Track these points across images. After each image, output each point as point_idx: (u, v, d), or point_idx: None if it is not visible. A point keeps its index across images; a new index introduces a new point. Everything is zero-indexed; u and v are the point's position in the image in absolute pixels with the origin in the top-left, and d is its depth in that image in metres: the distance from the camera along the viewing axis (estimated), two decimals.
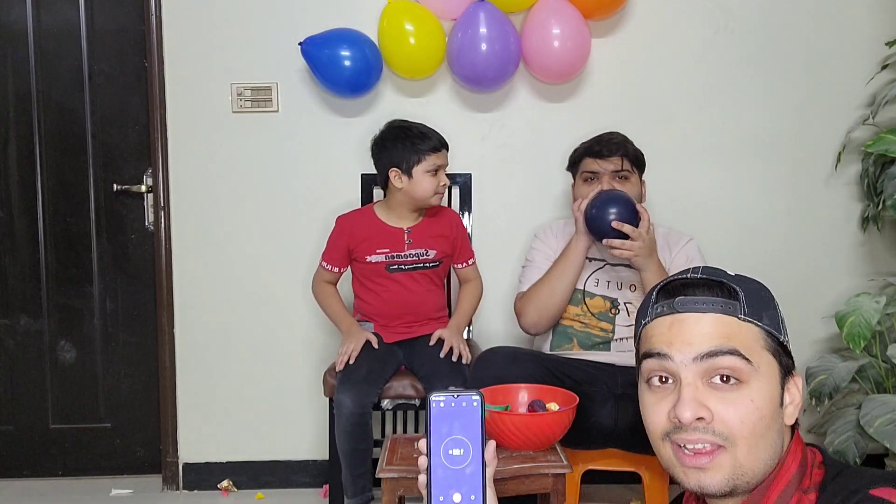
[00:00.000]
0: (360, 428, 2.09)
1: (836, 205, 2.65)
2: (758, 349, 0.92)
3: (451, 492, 0.87)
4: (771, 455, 0.92)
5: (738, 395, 0.91)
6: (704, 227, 2.51)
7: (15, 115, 2.67)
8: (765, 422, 0.90)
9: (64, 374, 2.76)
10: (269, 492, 2.66)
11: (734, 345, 0.91)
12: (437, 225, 2.30)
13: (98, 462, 2.78)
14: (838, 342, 2.57)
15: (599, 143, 2.20)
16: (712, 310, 0.93)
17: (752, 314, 0.94)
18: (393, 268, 2.26)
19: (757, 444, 0.90)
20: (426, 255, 2.28)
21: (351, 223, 2.29)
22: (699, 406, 0.90)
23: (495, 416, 1.67)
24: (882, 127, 2.53)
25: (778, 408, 0.93)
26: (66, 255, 2.73)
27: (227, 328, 2.66)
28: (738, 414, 0.90)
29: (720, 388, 0.91)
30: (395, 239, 2.26)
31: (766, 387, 0.92)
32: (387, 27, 2.45)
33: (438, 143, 2.22)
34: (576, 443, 1.96)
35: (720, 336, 0.92)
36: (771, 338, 0.94)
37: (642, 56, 2.60)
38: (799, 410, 0.95)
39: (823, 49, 2.60)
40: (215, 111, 2.59)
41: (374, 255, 2.25)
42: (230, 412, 2.68)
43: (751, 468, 0.90)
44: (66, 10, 2.63)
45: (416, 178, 2.19)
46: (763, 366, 0.92)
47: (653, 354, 0.95)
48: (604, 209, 2.05)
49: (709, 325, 0.93)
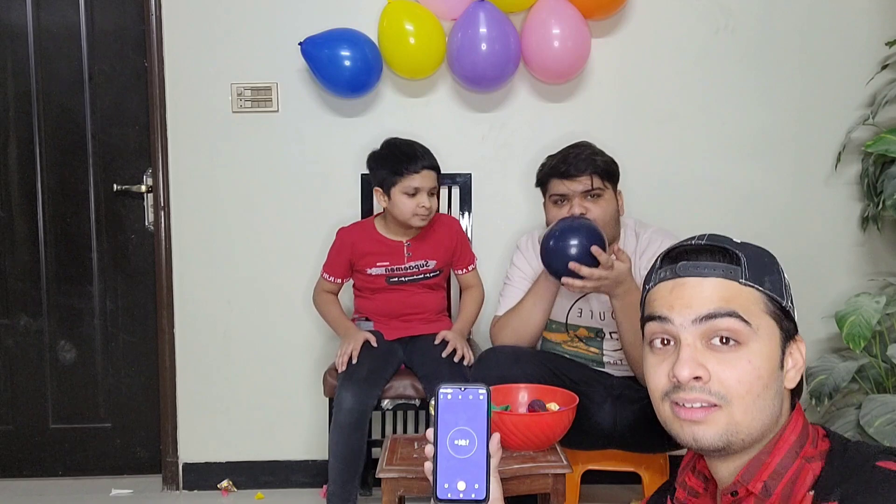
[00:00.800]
0: (357, 427, 2.07)
1: (836, 205, 2.65)
2: (757, 312, 0.95)
3: (455, 480, 0.90)
4: (768, 416, 0.94)
5: (736, 356, 0.93)
6: (703, 227, 2.49)
7: (15, 115, 2.67)
8: (762, 382, 0.93)
9: (64, 374, 2.76)
10: (269, 492, 2.66)
11: (733, 307, 0.94)
12: (436, 235, 2.31)
13: (98, 462, 2.78)
14: (838, 342, 2.57)
15: (566, 162, 2.03)
16: (713, 274, 0.96)
17: (754, 278, 0.96)
18: (393, 280, 2.29)
19: (753, 403, 0.93)
20: (426, 266, 2.30)
21: (352, 236, 2.31)
22: (697, 366, 0.93)
23: (495, 416, 1.67)
24: (882, 127, 2.53)
25: (777, 370, 0.95)
26: (66, 255, 2.73)
27: (227, 328, 2.66)
28: (736, 374, 0.92)
29: (719, 350, 0.94)
30: (395, 252, 2.28)
31: (765, 349, 0.94)
32: (387, 27, 2.45)
33: (420, 164, 2.17)
34: (576, 443, 1.96)
35: (720, 299, 0.94)
36: (772, 302, 0.96)
37: (642, 56, 2.60)
38: (801, 374, 0.98)
39: (823, 49, 2.60)
40: (215, 111, 2.59)
41: (375, 267, 2.28)
42: (230, 412, 2.68)
43: (746, 426, 0.93)
44: (66, 10, 2.63)
45: (394, 199, 2.19)
46: (762, 328, 0.95)
47: (654, 318, 0.99)
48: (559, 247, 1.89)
49: (710, 288, 0.95)
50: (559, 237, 1.90)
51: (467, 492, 0.90)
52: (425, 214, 2.20)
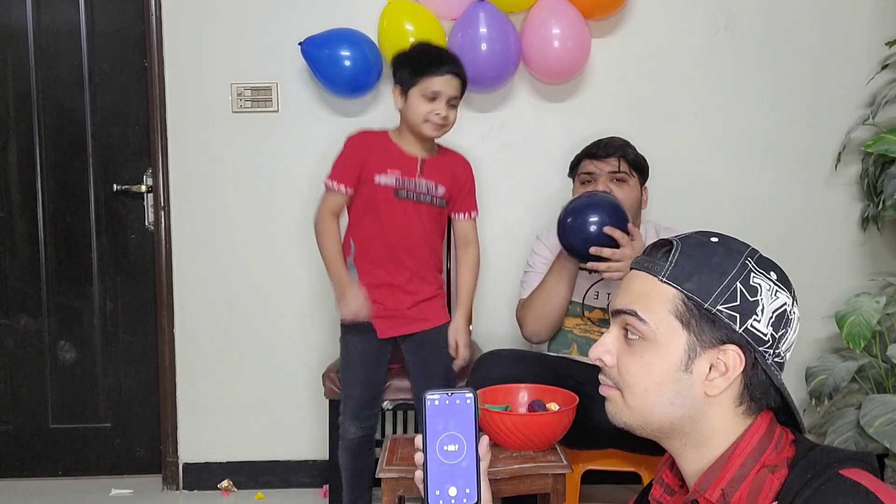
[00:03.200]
0: (365, 448, 2.16)
1: (836, 205, 2.65)
2: (662, 312, 0.97)
3: (447, 486, 0.90)
4: (668, 412, 0.97)
5: (633, 350, 0.99)
6: (703, 227, 2.50)
7: (15, 115, 2.67)
8: (653, 379, 0.97)
9: (64, 374, 2.76)
10: (269, 492, 2.66)
11: (636, 307, 0.98)
12: (449, 164, 2.18)
13: (98, 462, 2.78)
14: (838, 342, 2.57)
15: (598, 146, 2.16)
16: (641, 268, 1.01)
17: (674, 277, 0.97)
18: (402, 194, 2.09)
19: (643, 396, 0.98)
20: (436, 189, 2.13)
21: (366, 138, 2.14)
22: (604, 351, 1.02)
23: (495, 416, 1.67)
24: (882, 127, 2.53)
25: (677, 371, 0.96)
26: (66, 255, 2.73)
27: (227, 328, 2.66)
28: (628, 366, 0.99)
29: (629, 342, 1.00)
30: (408, 164, 2.11)
31: (661, 349, 0.97)
32: (387, 27, 2.45)
33: (445, 68, 2.03)
34: (576, 443, 1.95)
35: (634, 295, 1.00)
36: (688, 303, 0.95)
37: (642, 56, 2.60)
38: (730, 382, 0.96)
39: (823, 49, 2.60)
40: (215, 111, 2.59)
41: (385, 174, 2.08)
42: (230, 412, 2.68)
43: (639, 412, 0.99)
44: (66, 10, 2.63)
45: (411, 100, 2.05)
46: (662, 328, 0.97)
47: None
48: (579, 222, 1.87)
49: (635, 282, 1.01)
50: (576, 213, 1.90)
51: (459, 497, 0.90)
52: (439, 124, 2.05)
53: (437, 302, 2.19)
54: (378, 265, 2.12)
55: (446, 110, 2.04)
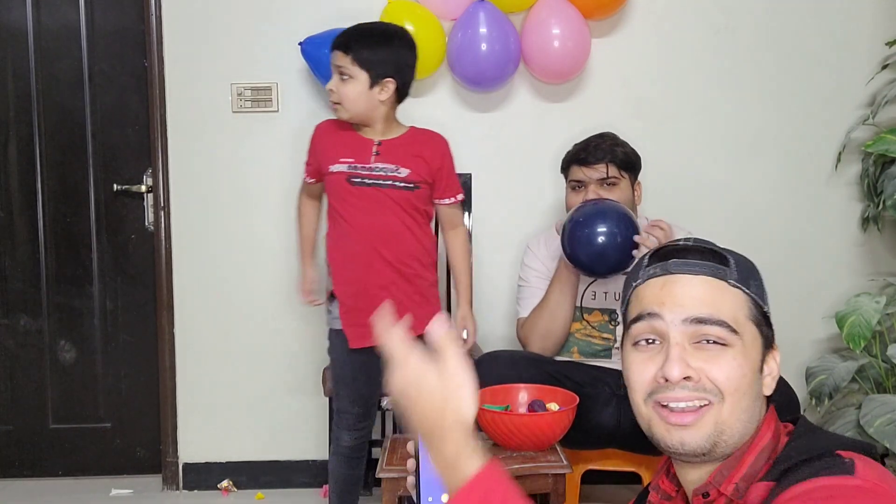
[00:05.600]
0: (358, 455, 2.13)
1: (836, 205, 2.65)
2: (743, 319, 0.95)
3: (439, 493, 0.88)
4: (749, 418, 0.94)
5: (723, 355, 0.93)
6: (703, 227, 2.48)
7: (15, 115, 2.67)
8: (747, 380, 0.94)
9: (64, 374, 2.76)
10: (269, 492, 2.66)
11: (722, 317, 0.93)
12: (416, 144, 2.05)
13: (98, 462, 2.78)
14: (838, 342, 2.56)
15: (585, 150, 2.09)
16: (704, 272, 0.96)
17: (741, 280, 0.97)
18: (355, 180, 2.00)
19: (740, 402, 0.93)
20: (397, 171, 2.00)
21: (323, 129, 2.11)
22: (686, 366, 0.92)
23: (495, 416, 1.67)
24: (882, 127, 2.53)
25: (758, 373, 0.96)
26: (66, 255, 2.73)
27: (226, 328, 2.66)
28: (723, 371, 0.92)
29: (706, 349, 0.93)
30: (362, 149, 2.02)
31: (748, 352, 0.95)
32: None
33: (334, 42, 2.00)
34: (577, 443, 1.95)
35: (710, 303, 0.94)
36: (756, 306, 0.97)
37: (642, 56, 2.60)
38: (776, 382, 0.98)
39: (823, 49, 2.60)
40: (215, 111, 2.59)
41: (337, 164, 2.01)
42: (230, 412, 2.68)
43: (731, 427, 0.93)
44: (66, 10, 2.63)
45: None
46: (747, 335, 0.95)
47: (643, 316, 0.97)
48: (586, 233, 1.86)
49: (700, 287, 0.95)
50: (582, 224, 1.88)
51: None
52: (333, 101, 2.00)
53: (424, 307, 2.03)
54: (348, 260, 2.01)
55: (336, 84, 1.97)
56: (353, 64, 1.96)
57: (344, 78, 1.96)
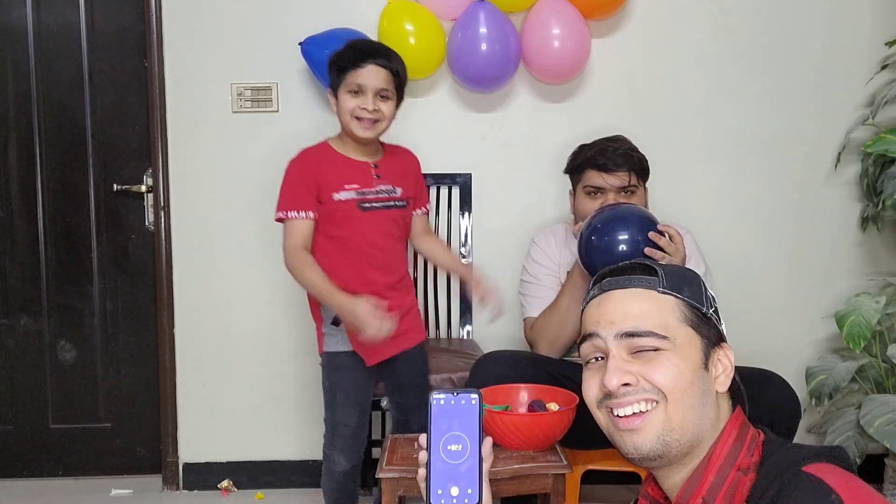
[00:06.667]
0: (352, 480, 2.09)
1: (836, 205, 2.65)
2: (675, 323, 1.01)
3: (449, 485, 0.91)
4: (699, 415, 0.98)
5: (658, 359, 1.00)
6: (703, 227, 2.50)
7: (15, 115, 2.67)
8: (685, 378, 0.98)
9: (64, 374, 2.76)
10: (269, 492, 2.66)
11: (649, 327, 1.00)
12: (399, 164, 2.05)
13: (98, 462, 2.78)
14: (838, 342, 2.57)
15: (604, 155, 2.01)
16: (633, 285, 1.04)
17: (672, 287, 1.03)
18: (366, 206, 1.96)
19: (683, 399, 0.98)
20: (395, 192, 2.01)
21: (310, 158, 1.99)
22: (623, 373, 0.99)
23: (496, 416, 1.67)
24: (882, 127, 2.53)
25: (699, 369, 1.00)
26: (66, 255, 2.73)
27: (227, 328, 2.66)
28: (659, 372, 0.99)
29: (642, 356, 1.01)
30: (363, 173, 1.98)
31: (683, 352, 1.00)
32: (387, 27, 2.45)
33: (367, 59, 1.91)
34: (577, 443, 1.95)
35: (638, 315, 1.01)
36: (691, 309, 1.02)
37: (642, 56, 2.60)
38: (731, 378, 1.03)
39: (823, 49, 2.60)
40: (215, 111, 2.59)
41: (343, 191, 1.94)
42: (230, 412, 2.68)
43: (679, 425, 0.97)
44: (66, 10, 2.63)
45: (339, 100, 1.94)
46: (679, 337, 1.01)
47: (586, 337, 1.06)
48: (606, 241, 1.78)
49: (631, 300, 1.03)
50: (602, 231, 1.82)
51: (460, 497, 0.91)
52: (368, 119, 1.91)
53: (414, 314, 2.08)
54: (350, 284, 1.93)
55: (375, 103, 1.91)
56: (392, 83, 1.96)
57: (385, 96, 1.95)
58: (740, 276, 2.59)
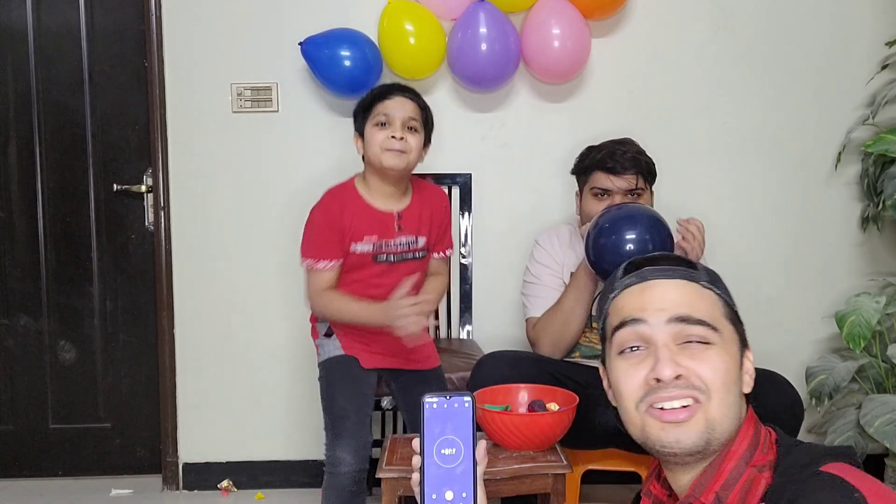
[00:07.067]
0: (358, 485, 1.89)
1: (836, 205, 2.65)
2: (720, 317, 1.00)
3: (443, 490, 0.89)
4: (735, 414, 0.97)
5: (708, 352, 0.96)
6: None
7: (15, 115, 2.67)
8: (731, 376, 0.97)
9: (64, 374, 2.76)
10: (269, 492, 2.66)
11: (702, 316, 0.97)
12: (427, 207, 2.02)
13: (98, 462, 2.78)
14: (838, 342, 2.57)
15: (612, 158, 2.01)
16: (677, 275, 1.01)
17: (711, 282, 1.02)
18: (381, 258, 1.97)
19: (726, 398, 0.95)
20: (415, 243, 2.00)
21: (336, 204, 1.95)
22: (677, 364, 0.95)
23: (495, 416, 1.67)
24: (882, 127, 2.53)
25: (738, 370, 0.99)
26: (66, 255, 2.73)
27: (226, 328, 2.66)
28: (710, 367, 0.95)
29: (691, 348, 0.96)
30: (385, 224, 1.96)
31: (729, 349, 0.99)
32: (387, 27, 2.45)
33: (395, 93, 1.92)
34: (577, 443, 1.95)
35: (688, 304, 0.98)
36: (727, 306, 1.02)
37: (642, 56, 2.60)
38: (753, 380, 1.02)
39: (823, 49, 2.60)
40: (215, 111, 2.59)
41: (361, 243, 1.94)
42: (230, 412, 2.68)
43: (720, 423, 0.95)
44: (66, 10, 2.63)
45: (367, 137, 1.93)
46: (726, 332, 0.99)
47: (626, 322, 1.00)
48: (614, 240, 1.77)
49: (676, 290, 1.00)
50: (609, 232, 1.81)
51: (455, 501, 0.89)
52: (398, 149, 1.88)
53: (429, 346, 2.09)
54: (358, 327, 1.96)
55: (403, 132, 1.90)
56: (420, 116, 1.96)
57: (412, 127, 1.93)
58: (740, 276, 2.56)
